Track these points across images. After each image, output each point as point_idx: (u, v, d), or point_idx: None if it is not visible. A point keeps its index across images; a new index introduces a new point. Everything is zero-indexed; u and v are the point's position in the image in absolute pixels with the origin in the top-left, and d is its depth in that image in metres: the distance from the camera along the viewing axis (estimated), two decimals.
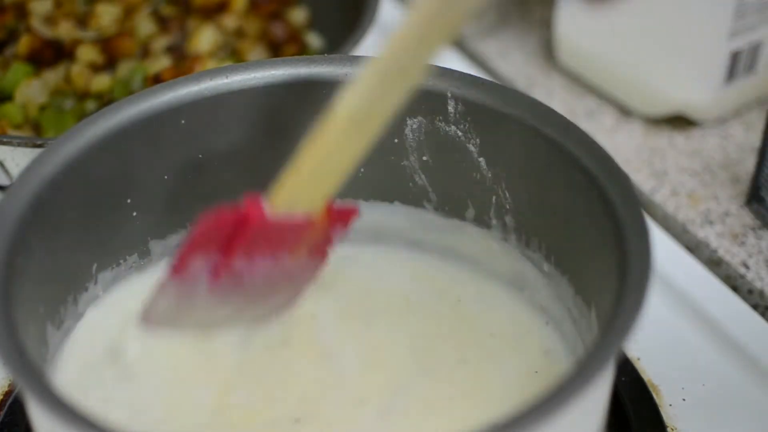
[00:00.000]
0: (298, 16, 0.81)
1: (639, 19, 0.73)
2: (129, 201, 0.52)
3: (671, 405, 0.56)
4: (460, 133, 0.53)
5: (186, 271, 0.47)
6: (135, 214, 0.53)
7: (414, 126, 0.54)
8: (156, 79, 0.70)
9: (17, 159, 0.63)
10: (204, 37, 0.75)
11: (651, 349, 0.58)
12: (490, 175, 0.53)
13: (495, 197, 0.54)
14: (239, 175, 0.55)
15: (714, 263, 0.66)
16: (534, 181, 0.52)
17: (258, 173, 0.55)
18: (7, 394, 0.56)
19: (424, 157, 0.55)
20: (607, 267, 0.45)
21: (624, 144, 0.74)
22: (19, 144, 0.61)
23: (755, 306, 0.64)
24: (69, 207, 0.49)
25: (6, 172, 0.63)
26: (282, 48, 0.78)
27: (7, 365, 0.41)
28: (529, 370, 0.52)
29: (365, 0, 0.71)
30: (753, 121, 0.76)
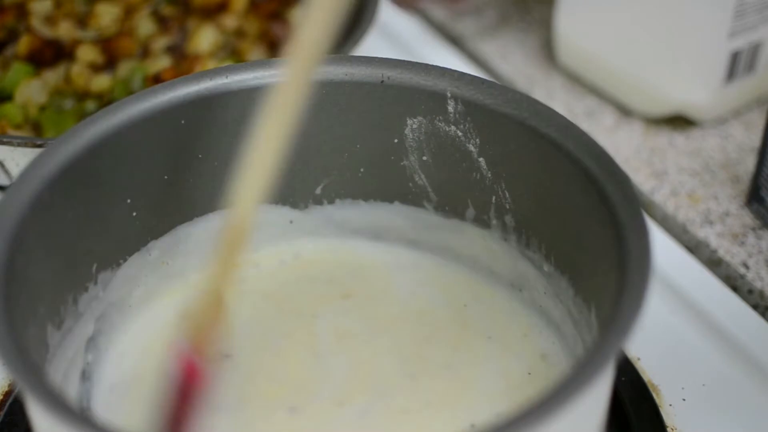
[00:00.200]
0: (298, 16, 0.81)
1: (639, 19, 0.73)
2: (129, 201, 0.52)
3: (671, 405, 0.56)
4: (460, 133, 0.53)
5: None
6: (135, 214, 0.53)
7: (414, 126, 0.54)
8: (156, 79, 0.70)
9: (17, 159, 0.63)
10: (204, 37, 0.75)
11: (651, 349, 0.58)
12: (490, 175, 0.53)
13: (495, 197, 0.54)
14: (239, 175, 0.55)
15: (714, 263, 0.66)
16: (534, 181, 0.52)
17: None
18: (7, 394, 0.56)
19: (424, 157, 0.55)
20: (607, 267, 0.45)
21: (624, 144, 0.74)
22: (19, 144, 0.61)
23: (755, 306, 0.64)
24: (69, 207, 0.49)
25: (6, 172, 0.63)
26: (282, 48, 0.77)
27: (7, 365, 0.41)
28: (529, 370, 0.52)
29: (365, 0, 0.71)
30: (753, 121, 0.76)
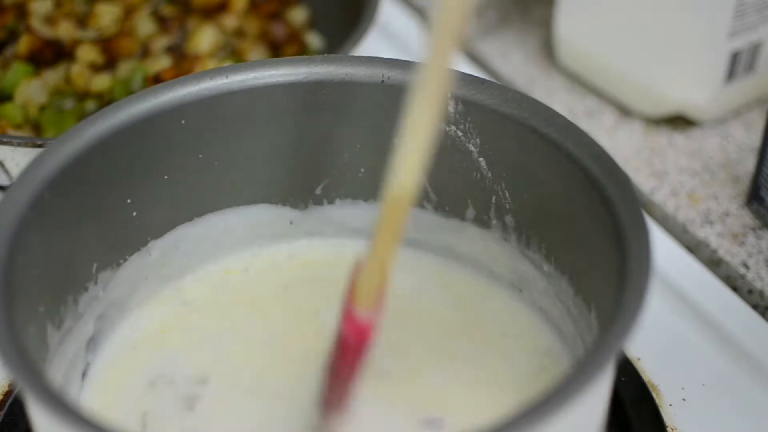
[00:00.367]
0: (298, 16, 0.81)
1: (639, 20, 0.73)
2: (129, 201, 0.52)
3: (671, 405, 0.56)
4: (460, 133, 0.53)
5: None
6: (135, 214, 0.53)
7: None
8: (156, 79, 0.70)
9: (17, 159, 0.63)
10: (204, 37, 0.75)
11: (651, 349, 0.58)
12: (490, 175, 0.53)
13: (495, 197, 0.54)
14: (239, 176, 0.55)
15: (714, 263, 0.66)
16: (534, 181, 0.52)
17: (258, 173, 0.56)
18: (7, 394, 0.56)
19: None
20: (607, 267, 0.45)
21: (624, 144, 0.74)
22: (19, 144, 0.61)
23: (755, 306, 0.64)
24: (69, 207, 0.49)
25: (6, 172, 0.63)
26: (282, 48, 0.78)
27: (7, 365, 0.41)
28: (529, 370, 0.52)
29: (365, 0, 0.71)
30: (753, 121, 0.76)
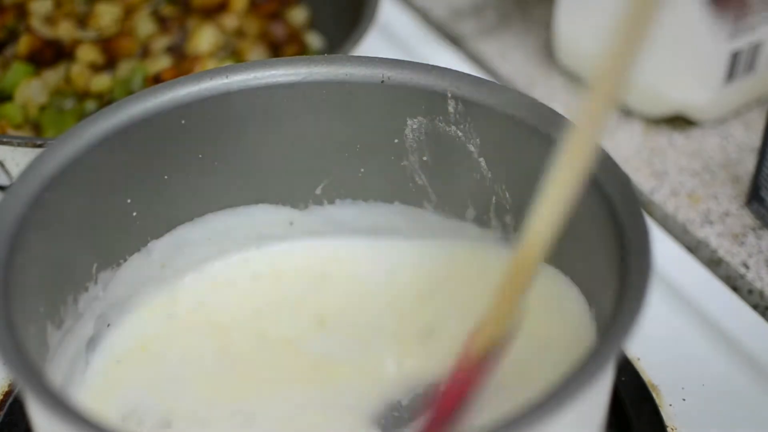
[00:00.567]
0: (298, 16, 0.81)
1: None
2: (129, 201, 0.52)
3: (671, 405, 0.56)
4: (460, 133, 0.53)
5: None
6: (135, 214, 0.53)
7: (414, 126, 0.54)
8: (156, 79, 0.70)
9: (17, 159, 0.63)
10: (204, 37, 0.75)
11: (651, 349, 0.58)
12: (490, 175, 0.53)
13: (495, 197, 0.54)
14: (239, 176, 0.55)
15: (714, 263, 0.66)
16: (534, 181, 0.52)
17: (258, 173, 0.56)
18: (7, 394, 0.56)
19: (424, 157, 0.55)
20: (607, 267, 0.45)
21: (624, 144, 0.74)
22: (19, 144, 0.61)
23: (755, 306, 0.64)
24: (69, 207, 0.49)
25: (6, 172, 0.63)
26: (282, 48, 0.77)
27: (7, 365, 0.41)
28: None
29: (365, 0, 0.71)
30: (753, 121, 0.76)
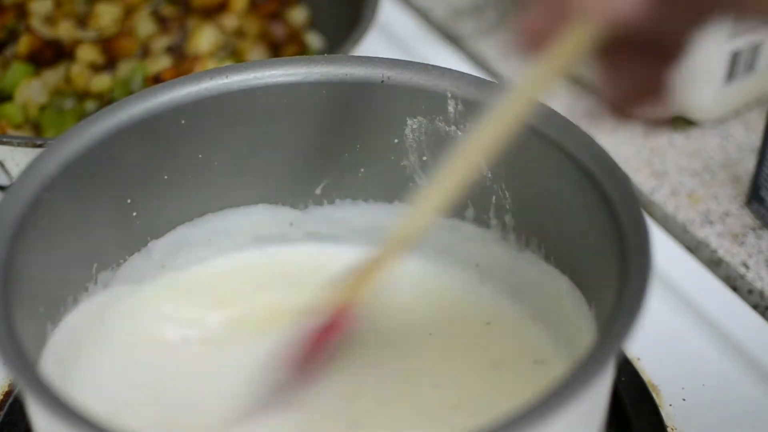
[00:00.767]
0: (298, 16, 0.81)
1: None
2: (129, 201, 0.52)
3: (671, 405, 0.56)
4: (460, 133, 0.53)
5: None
6: (135, 214, 0.53)
7: (414, 126, 0.54)
8: (156, 79, 0.70)
9: (17, 159, 0.63)
10: (204, 37, 0.75)
11: (651, 349, 0.58)
12: (490, 175, 0.53)
13: (495, 197, 0.54)
14: (239, 176, 0.55)
15: (714, 263, 0.66)
16: (534, 181, 0.52)
17: (258, 173, 0.56)
18: (7, 394, 0.56)
19: (424, 157, 0.55)
20: (607, 267, 0.45)
21: (624, 144, 0.74)
22: (19, 144, 0.61)
23: (755, 306, 0.64)
24: (69, 207, 0.49)
25: (6, 172, 0.63)
26: (282, 48, 0.77)
27: (7, 365, 0.41)
28: (527, 370, 0.52)
29: (365, 0, 0.71)
30: (753, 121, 0.76)
